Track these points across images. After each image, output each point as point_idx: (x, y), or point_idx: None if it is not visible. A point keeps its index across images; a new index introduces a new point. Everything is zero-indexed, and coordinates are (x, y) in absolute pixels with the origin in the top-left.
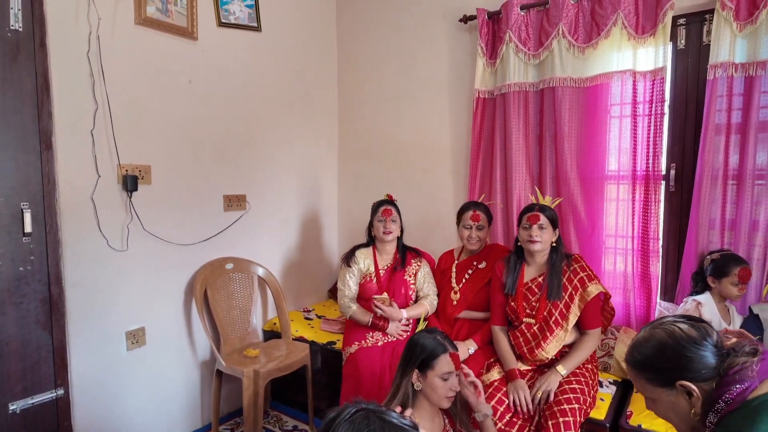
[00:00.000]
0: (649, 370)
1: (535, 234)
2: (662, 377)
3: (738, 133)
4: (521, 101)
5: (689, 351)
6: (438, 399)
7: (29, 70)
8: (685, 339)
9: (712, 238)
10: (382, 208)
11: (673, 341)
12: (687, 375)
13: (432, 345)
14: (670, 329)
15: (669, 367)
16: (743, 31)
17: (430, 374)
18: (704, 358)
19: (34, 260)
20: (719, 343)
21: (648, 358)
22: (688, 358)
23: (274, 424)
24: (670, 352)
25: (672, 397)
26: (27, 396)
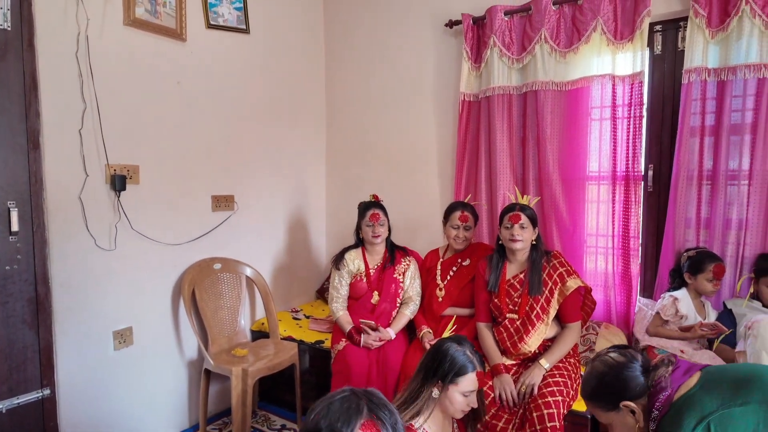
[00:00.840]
0: (598, 399)
1: (517, 233)
2: (609, 403)
3: (712, 136)
4: (505, 104)
5: (621, 375)
6: (453, 411)
7: (17, 70)
8: (616, 365)
9: (688, 237)
10: (370, 212)
11: (609, 369)
12: (626, 395)
13: (462, 361)
14: (604, 359)
15: (611, 392)
16: (715, 37)
17: (452, 388)
18: (636, 378)
19: (20, 259)
20: (645, 362)
21: (594, 389)
22: (623, 381)
23: (262, 423)
24: (608, 379)
25: (621, 417)
26: (13, 396)
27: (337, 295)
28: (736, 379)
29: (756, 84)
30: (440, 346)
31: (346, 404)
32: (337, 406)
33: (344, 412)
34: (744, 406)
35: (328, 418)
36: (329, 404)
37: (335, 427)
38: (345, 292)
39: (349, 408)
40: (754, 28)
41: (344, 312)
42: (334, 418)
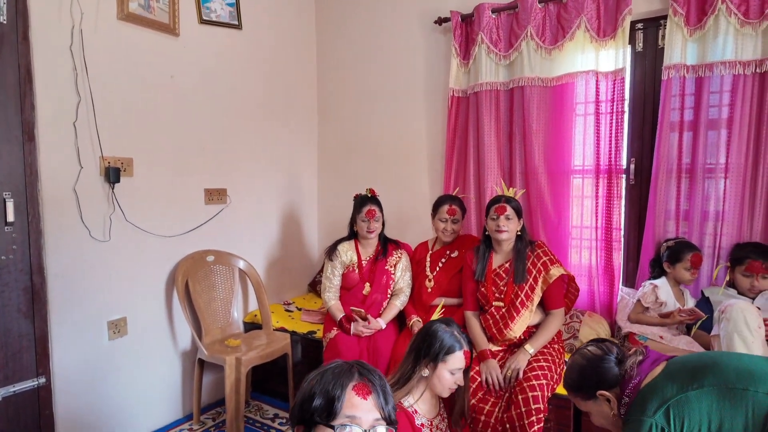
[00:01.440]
0: (578, 389)
1: (503, 224)
2: (587, 393)
3: (690, 130)
4: (493, 100)
5: (598, 367)
6: (441, 389)
7: (12, 63)
8: (594, 358)
9: (668, 228)
10: (366, 208)
11: (587, 362)
12: (602, 385)
13: (451, 341)
14: (583, 353)
15: (589, 383)
16: (693, 35)
17: (441, 366)
18: (610, 369)
19: (16, 249)
20: (619, 354)
21: (574, 381)
22: (599, 372)
23: (255, 412)
24: (587, 371)
25: (598, 406)
26: (8, 384)
27: (330, 285)
28: (694, 367)
29: (731, 80)
30: (429, 327)
31: (338, 370)
32: (329, 373)
33: (337, 377)
34: (698, 390)
35: (322, 383)
36: (322, 373)
37: (329, 390)
38: (337, 282)
39: (341, 373)
40: (730, 27)
41: (336, 301)
42: (327, 381)
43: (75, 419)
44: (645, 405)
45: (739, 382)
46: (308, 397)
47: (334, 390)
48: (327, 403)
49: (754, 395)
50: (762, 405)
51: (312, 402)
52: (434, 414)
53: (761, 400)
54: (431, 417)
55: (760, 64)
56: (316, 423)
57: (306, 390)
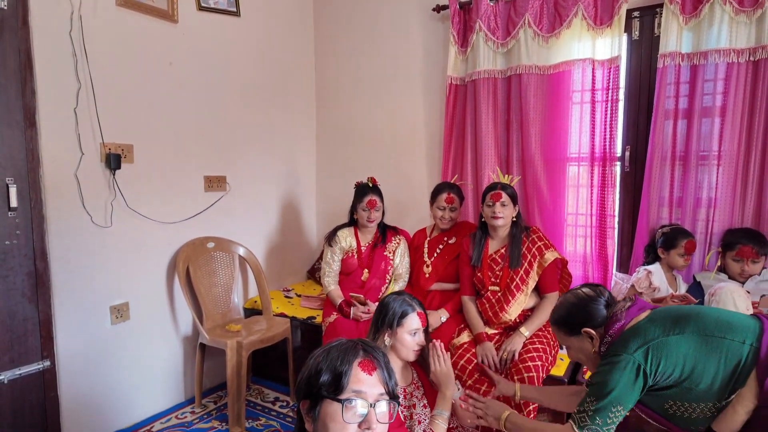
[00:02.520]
0: (563, 324)
1: (498, 211)
2: (572, 329)
3: (685, 118)
4: (490, 88)
5: (588, 306)
6: (406, 353)
7: (13, 48)
8: (585, 298)
9: (662, 215)
10: (367, 198)
11: (578, 300)
12: (587, 324)
13: (402, 306)
14: (576, 293)
15: (575, 320)
16: (689, 24)
17: (399, 331)
18: (599, 311)
19: (19, 234)
20: (609, 298)
21: (562, 317)
22: (588, 311)
23: (255, 396)
24: (576, 309)
25: (580, 342)
26: (14, 367)
27: (329, 270)
28: (678, 315)
29: (726, 68)
30: (382, 302)
31: (344, 347)
32: (335, 350)
33: (343, 353)
34: (679, 335)
35: (329, 359)
36: (328, 350)
37: (336, 366)
38: (337, 267)
39: (347, 350)
40: (725, 15)
41: (335, 286)
42: (334, 358)
43: (79, 402)
44: (627, 344)
45: (718, 331)
46: (315, 372)
47: (341, 366)
48: (334, 379)
49: (730, 343)
50: (735, 352)
51: (319, 377)
52: (407, 382)
53: (735, 348)
54: (404, 385)
55: (754, 52)
56: (323, 397)
57: (312, 366)
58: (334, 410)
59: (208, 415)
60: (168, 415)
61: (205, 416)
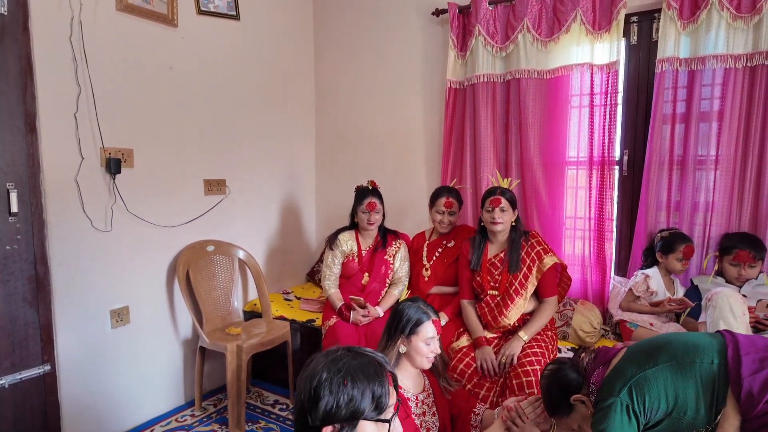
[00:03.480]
0: (557, 409)
1: (498, 216)
2: (564, 406)
3: (682, 123)
4: (489, 92)
5: (558, 377)
6: (421, 361)
7: (14, 54)
8: (551, 373)
9: (659, 219)
10: (367, 200)
11: (548, 380)
12: (570, 392)
13: (417, 314)
14: (543, 374)
15: (559, 396)
16: (686, 29)
17: (414, 339)
18: (569, 374)
19: (20, 239)
20: (572, 361)
21: (550, 404)
22: (562, 381)
23: (255, 398)
24: (552, 387)
25: (579, 414)
26: (15, 371)
27: (330, 273)
28: (649, 348)
29: (723, 73)
30: (396, 307)
31: (369, 369)
32: (361, 373)
33: (373, 374)
34: (654, 368)
35: (362, 386)
36: (351, 375)
37: (374, 390)
38: (337, 270)
39: (372, 371)
40: (722, 21)
41: (336, 289)
42: (364, 382)
43: (80, 405)
44: (612, 386)
45: (687, 356)
46: (349, 400)
47: (378, 388)
48: (375, 402)
49: (700, 365)
50: (707, 372)
51: (358, 404)
52: (419, 389)
53: (706, 369)
54: (416, 392)
55: (751, 57)
56: (362, 419)
57: (341, 395)
58: (377, 430)
59: (208, 417)
60: (168, 418)
61: (205, 419)
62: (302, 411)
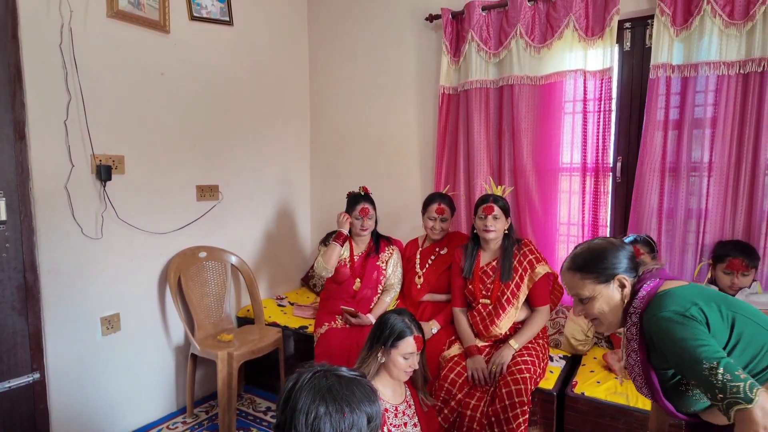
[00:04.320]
0: (593, 269)
1: (490, 224)
2: (604, 274)
3: (675, 129)
4: (482, 98)
5: (622, 253)
6: (397, 374)
7: (3, 61)
8: (619, 244)
9: (652, 226)
10: (360, 206)
11: (612, 246)
12: (621, 271)
13: (400, 327)
14: (606, 239)
15: (609, 265)
16: (679, 35)
17: (393, 352)
18: (630, 260)
19: (9, 247)
20: (632, 252)
21: (591, 260)
22: (621, 258)
23: (247, 405)
24: (609, 253)
25: (609, 290)
26: (4, 380)
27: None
28: (721, 295)
29: (716, 80)
30: (382, 317)
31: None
32: (345, 400)
33: (354, 399)
34: (728, 310)
35: (349, 414)
36: (335, 402)
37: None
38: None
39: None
40: (714, 27)
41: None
42: (351, 408)
43: (69, 413)
44: (664, 304)
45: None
46: (350, 426)
47: (371, 407)
48: (372, 422)
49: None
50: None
51: (357, 428)
52: (399, 400)
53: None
54: (396, 403)
55: (744, 65)
56: None
57: (345, 425)
58: None
59: (200, 425)
60: (159, 425)
61: (197, 426)
62: None
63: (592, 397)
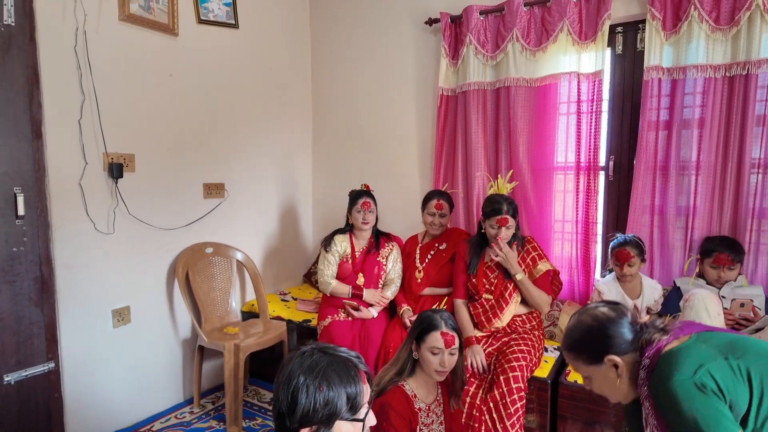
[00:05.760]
0: (581, 351)
1: (503, 234)
2: (593, 355)
3: (665, 130)
4: (480, 99)
5: (610, 330)
6: (428, 371)
7: (21, 63)
8: (606, 320)
9: (644, 222)
10: (362, 200)
11: (597, 323)
12: (611, 350)
13: (428, 321)
14: (593, 313)
15: (596, 345)
16: (669, 39)
17: (422, 346)
18: (623, 334)
19: (26, 241)
20: (633, 319)
21: (579, 342)
22: (610, 335)
23: (252, 396)
24: (596, 332)
25: (603, 371)
26: (21, 368)
27: (327, 272)
28: (727, 340)
29: (703, 82)
30: (420, 314)
31: (338, 368)
32: (334, 374)
33: (345, 375)
34: (739, 360)
35: (332, 386)
36: (324, 375)
37: (347, 389)
38: (334, 269)
39: (344, 370)
40: (702, 32)
41: (336, 282)
42: (337, 381)
43: (82, 402)
44: (679, 362)
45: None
46: (325, 403)
47: (351, 387)
48: (350, 401)
49: None
50: None
51: (333, 406)
52: (431, 400)
53: None
54: (428, 402)
55: (729, 68)
56: (335, 420)
57: (316, 398)
58: (353, 428)
59: (207, 415)
60: (167, 415)
61: (204, 416)
62: (279, 415)
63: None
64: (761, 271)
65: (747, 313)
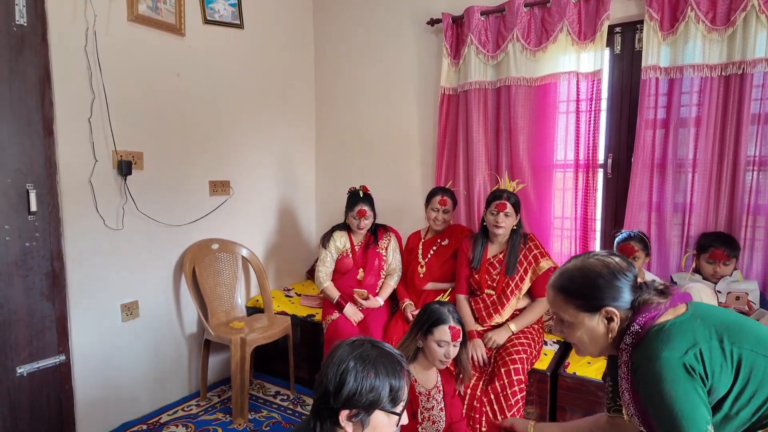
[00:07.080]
0: (577, 295)
1: (501, 220)
2: (590, 303)
3: (663, 128)
4: (481, 98)
5: (620, 281)
6: (432, 360)
7: (33, 63)
8: (618, 270)
9: (641, 219)
10: (358, 208)
11: (608, 270)
12: (612, 303)
13: (438, 314)
14: (605, 261)
15: (598, 294)
16: (666, 39)
17: (429, 338)
18: (625, 291)
19: (38, 237)
20: (635, 278)
21: (579, 285)
22: (617, 287)
23: (257, 390)
24: (603, 280)
25: (593, 322)
26: (33, 361)
27: (323, 269)
28: (725, 321)
29: (699, 82)
30: (426, 305)
31: (387, 361)
32: (381, 365)
33: (392, 368)
34: (733, 345)
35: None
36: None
37: (391, 382)
38: (330, 266)
39: (391, 363)
40: (698, 32)
41: (330, 283)
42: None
43: (92, 394)
44: (671, 340)
45: None
46: (370, 389)
47: (396, 381)
48: (392, 393)
49: None
50: None
51: (378, 393)
52: (431, 385)
53: None
54: (429, 388)
55: (725, 67)
56: (378, 408)
57: (364, 383)
58: (389, 421)
59: (213, 407)
60: (175, 408)
61: (210, 409)
62: (325, 393)
63: (583, 377)
64: (756, 266)
65: (742, 306)
